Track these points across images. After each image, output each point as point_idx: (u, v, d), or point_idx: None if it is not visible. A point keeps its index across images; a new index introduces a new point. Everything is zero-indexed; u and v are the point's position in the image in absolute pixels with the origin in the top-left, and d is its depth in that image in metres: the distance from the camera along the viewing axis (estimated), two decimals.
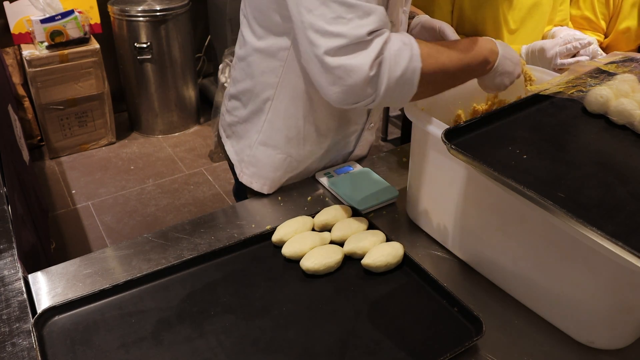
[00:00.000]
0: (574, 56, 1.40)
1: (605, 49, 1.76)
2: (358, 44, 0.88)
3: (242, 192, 1.34)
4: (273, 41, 1.09)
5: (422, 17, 1.25)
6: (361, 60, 0.88)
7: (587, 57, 1.38)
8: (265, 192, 1.27)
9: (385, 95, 0.92)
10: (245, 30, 1.15)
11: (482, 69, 1.04)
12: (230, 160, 1.34)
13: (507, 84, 1.10)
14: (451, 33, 1.14)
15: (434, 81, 0.97)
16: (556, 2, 1.59)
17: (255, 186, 1.27)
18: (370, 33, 0.88)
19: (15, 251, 1.02)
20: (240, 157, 1.29)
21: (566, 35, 1.45)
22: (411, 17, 1.27)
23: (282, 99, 1.15)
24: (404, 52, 0.91)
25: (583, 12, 1.73)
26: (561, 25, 1.62)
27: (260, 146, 1.24)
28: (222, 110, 1.37)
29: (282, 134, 1.20)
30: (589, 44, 1.37)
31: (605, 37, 1.76)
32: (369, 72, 0.88)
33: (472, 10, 1.51)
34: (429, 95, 1.04)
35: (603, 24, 1.73)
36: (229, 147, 1.34)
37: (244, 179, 1.28)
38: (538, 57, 1.44)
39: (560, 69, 1.41)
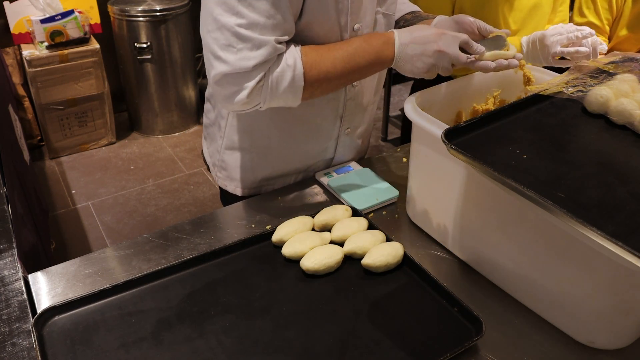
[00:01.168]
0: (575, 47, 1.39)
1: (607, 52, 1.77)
2: (241, 74, 0.95)
3: (223, 196, 1.34)
4: None
5: (444, 17, 1.20)
6: (239, 91, 0.96)
7: (587, 49, 1.37)
8: (240, 195, 1.27)
9: (269, 105, 1.02)
10: None
11: (380, 62, 1.04)
12: (206, 163, 1.34)
13: (426, 67, 1.02)
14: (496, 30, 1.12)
15: (320, 86, 1.03)
16: (556, 3, 1.60)
17: (230, 189, 1.28)
18: (257, 65, 0.94)
19: (15, 251, 1.02)
20: (213, 161, 1.30)
21: (568, 25, 1.45)
22: (423, 17, 1.25)
23: None
24: (285, 75, 0.98)
25: (588, 19, 1.74)
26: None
27: (226, 150, 1.25)
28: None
29: (246, 136, 1.21)
30: (590, 34, 1.37)
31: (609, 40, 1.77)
32: (246, 99, 0.97)
33: (473, 10, 1.51)
34: (325, 94, 1.08)
35: (608, 29, 1.74)
36: (205, 149, 1.35)
37: (219, 182, 1.30)
38: (539, 47, 1.43)
39: (560, 59, 1.40)
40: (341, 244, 1.03)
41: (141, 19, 3.11)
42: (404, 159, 1.36)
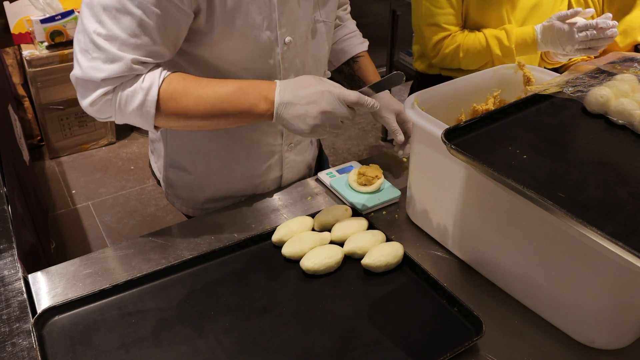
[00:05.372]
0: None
1: None
2: (88, 82, 0.93)
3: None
4: None
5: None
6: (86, 96, 0.94)
7: (584, 18, 1.44)
8: (184, 213, 1.25)
9: (121, 122, 0.98)
10: None
11: (255, 116, 0.97)
12: (156, 177, 1.32)
13: (309, 129, 0.96)
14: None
15: (177, 121, 0.98)
16: (556, 2, 1.63)
17: (177, 206, 1.26)
18: (105, 79, 0.91)
19: (15, 251, 1.02)
20: (161, 176, 1.28)
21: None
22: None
23: None
24: (136, 97, 0.93)
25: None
26: None
27: (170, 168, 1.23)
28: None
29: (186, 155, 1.19)
30: (590, 12, 1.46)
31: None
32: (90, 107, 0.95)
33: (477, 9, 1.56)
34: (187, 129, 1.03)
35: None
36: (153, 163, 1.32)
37: (169, 198, 1.28)
38: (552, 32, 1.46)
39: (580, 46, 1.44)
40: (341, 244, 1.03)
41: None
42: (404, 159, 1.36)
